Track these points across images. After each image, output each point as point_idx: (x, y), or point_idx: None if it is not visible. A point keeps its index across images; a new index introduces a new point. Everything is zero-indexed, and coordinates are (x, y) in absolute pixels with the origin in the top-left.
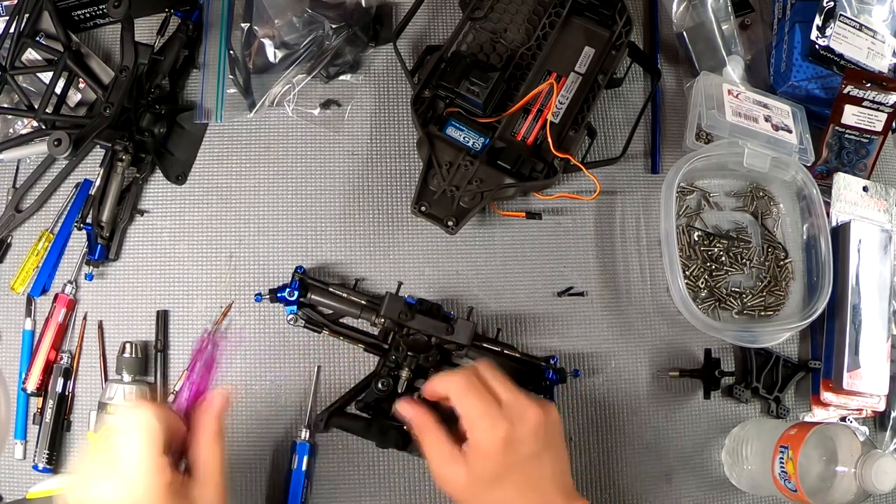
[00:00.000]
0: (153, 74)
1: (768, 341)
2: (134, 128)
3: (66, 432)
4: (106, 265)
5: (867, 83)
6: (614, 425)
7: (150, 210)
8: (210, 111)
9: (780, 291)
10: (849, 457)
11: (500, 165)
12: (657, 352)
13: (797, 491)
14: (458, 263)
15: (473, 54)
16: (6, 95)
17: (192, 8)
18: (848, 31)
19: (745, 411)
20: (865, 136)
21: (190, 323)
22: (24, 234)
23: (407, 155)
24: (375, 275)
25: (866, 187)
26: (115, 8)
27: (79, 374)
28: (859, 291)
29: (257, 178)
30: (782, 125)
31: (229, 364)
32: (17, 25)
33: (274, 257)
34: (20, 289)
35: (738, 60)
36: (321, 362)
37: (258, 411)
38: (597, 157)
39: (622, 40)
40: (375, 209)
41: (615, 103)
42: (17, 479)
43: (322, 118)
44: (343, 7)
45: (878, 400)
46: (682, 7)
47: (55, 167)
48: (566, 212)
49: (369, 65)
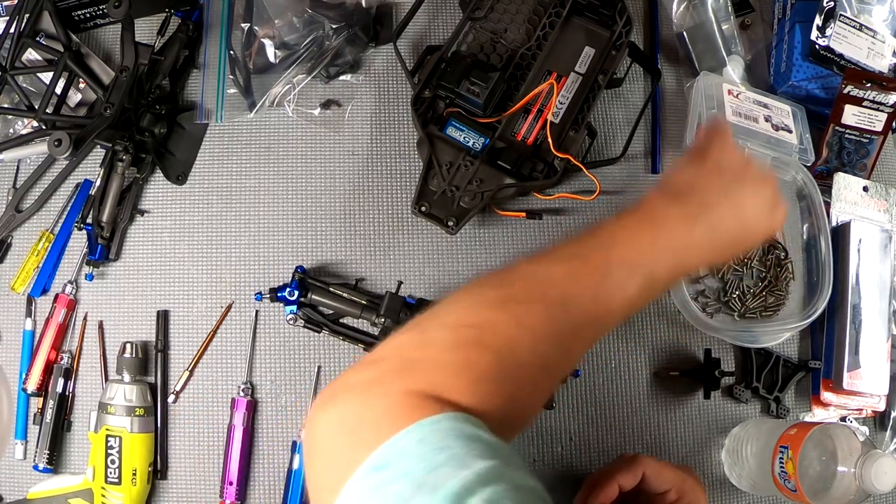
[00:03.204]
0: (153, 74)
1: (768, 341)
2: (134, 128)
3: (67, 432)
4: (106, 265)
5: (867, 83)
6: (614, 425)
7: (150, 210)
8: (210, 111)
9: (780, 291)
10: (848, 457)
11: (500, 165)
12: (657, 352)
13: (797, 491)
14: (458, 263)
15: (473, 54)
16: (6, 95)
17: (192, 8)
18: (848, 31)
19: (745, 411)
20: (865, 136)
21: (190, 323)
22: (24, 234)
23: (407, 155)
24: (375, 275)
25: (866, 187)
26: (115, 8)
27: (79, 374)
28: (859, 291)
29: (257, 178)
30: (782, 125)
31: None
32: (17, 25)
33: (274, 257)
34: (20, 289)
35: (738, 60)
36: (321, 362)
37: (258, 411)
38: (597, 157)
39: (622, 40)
40: (375, 209)
41: (615, 103)
42: (17, 479)
43: (322, 118)
44: (343, 7)
45: (878, 400)
46: (682, 7)
47: (55, 167)
48: (566, 212)
49: (369, 65)
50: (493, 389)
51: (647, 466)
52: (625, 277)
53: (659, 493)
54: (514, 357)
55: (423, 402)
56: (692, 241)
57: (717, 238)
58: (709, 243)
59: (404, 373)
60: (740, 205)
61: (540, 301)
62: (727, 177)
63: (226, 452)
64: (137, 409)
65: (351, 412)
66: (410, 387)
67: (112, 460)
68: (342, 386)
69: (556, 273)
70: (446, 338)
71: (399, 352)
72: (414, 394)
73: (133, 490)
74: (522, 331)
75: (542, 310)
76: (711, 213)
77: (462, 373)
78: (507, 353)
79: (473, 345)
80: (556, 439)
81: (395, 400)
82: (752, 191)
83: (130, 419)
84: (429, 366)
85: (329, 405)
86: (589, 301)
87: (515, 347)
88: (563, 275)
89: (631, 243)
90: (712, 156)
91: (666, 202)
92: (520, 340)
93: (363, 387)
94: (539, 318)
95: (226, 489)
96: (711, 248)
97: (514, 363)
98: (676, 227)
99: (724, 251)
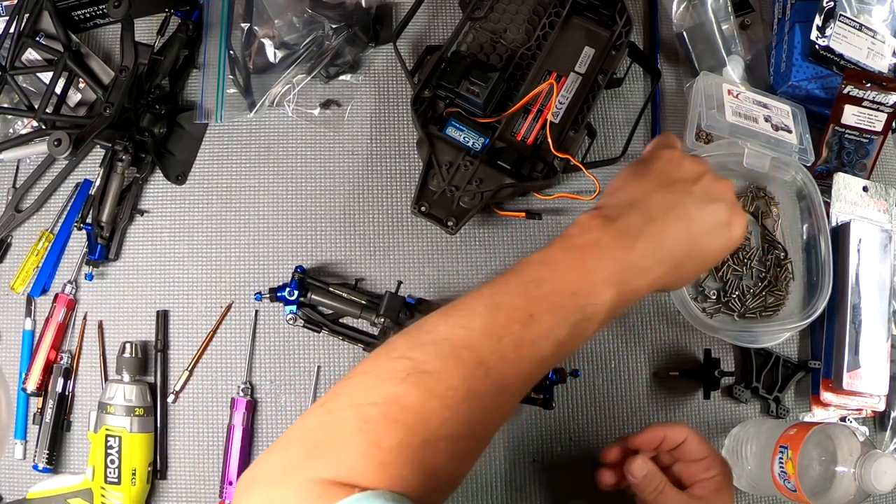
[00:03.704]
0: (153, 74)
1: (768, 341)
2: (134, 128)
3: (66, 432)
4: (106, 265)
5: (867, 83)
6: (614, 425)
7: (150, 210)
8: (210, 111)
9: (780, 291)
10: (848, 457)
11: (500, 165)
12: (657, 352)
13: (797, 491)
14: (458, 263)
15: (473, 54)
16: (6, 95)
17: (192, 8)
18: (848, 31)
19: (744, 411)
20: (865, 136)
21: (190, 323)
22: (24, 234)
23: (407, 155)
24: (375, 275)
25: (866, 187)
26: (115, 8)
27: (79, 374)
28: (859, 291)
29: (257, 178)
30: (782, 125)
31: (229, 364)
32: (17, 25)
33: (274, 257)
34: (20, 289)
35: (738, 60)
36: (321, 362)
37: (258, 411)
38: (597, 157)
39: (622, 40)
40: (375, 209)
41: (615, 103)
42: (17, 479)
43: (322, 118)
44: (343, 7)
45: (878, 400)
46: (682, 7)
47: (55, 167)
48: (566, 212)
49: (369, 65)
50: (407, 469)
51: (692, 432)
52: (552, 322)
53: (697, 458)
54: (426, 431)
55: (330, 491)
56: (633, 263)
57: (664, 255)
58: (655, 262)
59: (310, 459)
60: (688, 217)
61: (454, 367)
62: (674, 188)
63: (225, 452)
64: (137, 409)
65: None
66: (317, 474)
67: (112, 460)
68: (257, 473)
69: (472, 330)
70: (350, 417)
71: (305, 435)
72: (321, 483)
73: (133, 490)
74: (435, 402)
75: (456, 376)
76: (653, 227)
77: (368, 455)
78: (417, 428)
79: (380, 422)
80: (556, 439)
81: (301, 491)
82: (700, 202)
83: (130, 419)
84: (334, 450)
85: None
86: (513, 354)
87: (427, 421)
88: (480, 331)
89: (559, 281)
90: (657, 166)
91: (599, 224)
92: (432, 413)
93: (273, 477)
94: (453, 385)
95: (225, 489)
96: (659, 266)
97: (427, 437)
98: (612, 250)
99: (675, 270)
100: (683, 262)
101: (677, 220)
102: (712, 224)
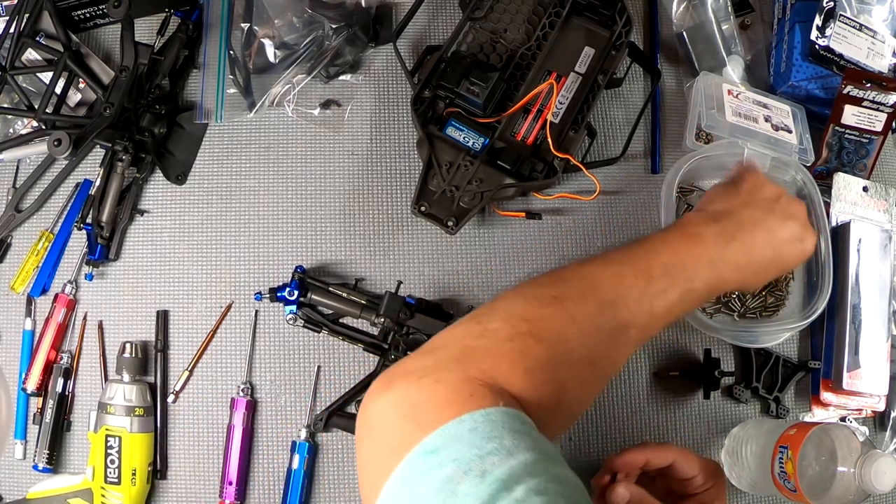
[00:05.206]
0: (153, 74)
1: (768, 341)
2: (134, 128)
3: (66, 432)
4: (106, 265)
5: (867, 83)
6: (614, 425)
7: (150, 210)
8: (210, 111)
9: (780, 291)
10: (848, 457)
11: (500, 165)
12: (657, 352)
13: (797, 491)
14: (458, 263)
15: (473, 54)
16: (6, 95)
17: (192, 8)
18: (848, 31)
19: (744, 411)
20: (865, 136)
21: (190, 323)
22: (24, 234)
23: (407, 155)
24: (375, 275)
25: (866, 187)
26: (115, 8)
27: (79, 374)
28: (859, 291)
29: (257, 178)
30: (782, 125)
31: (229, 364)
32: (17, 25)
33: (274, 257)
34: (20, 289)
35: (738, 60)
36: (321, 362)
37: (258, 411)
38: (597, 157)
39: (622, 40)
40: (375, 209)
41: (615, 103)
42: (17, 479)
43: (322, 118)
44: (343, 7)
45: (878, 400)
46: (682, 7)
47: (55, 167)
48: (566, 212)
49: (369, 65)
50: (545, 378)
51: (678, 453)
52: (667, 285)
53: (687, 478)
54: (564, 350)
55: (478, 390)
56: (728, 258)
57: (751, 258)
58: (744, 262)
59: (462, 360)
60: (771, 230)
61: (590, 299)
62: (759, 205)
63: (225, 452)
64: (137, 409)
65: (407, 397)
66: (468, 374)
67: (112, 460)
68: (400, 372)
69: (605, 275)
70: (502, 329)
71: (457, 341)
72: (470, 381)
73: (133, 490)
74: (573, 326)
75: (591, 307)
76: (744, 234)
77: (517, 361)
78: (558, 345)
79: (527, 336)
80: (556, 439)
81: (451, 387)
82: (781, 219)
83: (130, 419)
84: (485, 354)
85: (386, 390)
86: (635, 303)
87: (566, 341)
88: (612, 277)
89: (672, 255)
90: (745, 187)
91: (704, 221)
92: (570, 334)
93: (420, 373)
94: (589, 314)
95: (225, 489)
96: (746, 267)
97: (564, 355)
98: (714, 244)
99: (757, 272)
100: (765, 267)
101: (763, 232)
102: (790, 237)
